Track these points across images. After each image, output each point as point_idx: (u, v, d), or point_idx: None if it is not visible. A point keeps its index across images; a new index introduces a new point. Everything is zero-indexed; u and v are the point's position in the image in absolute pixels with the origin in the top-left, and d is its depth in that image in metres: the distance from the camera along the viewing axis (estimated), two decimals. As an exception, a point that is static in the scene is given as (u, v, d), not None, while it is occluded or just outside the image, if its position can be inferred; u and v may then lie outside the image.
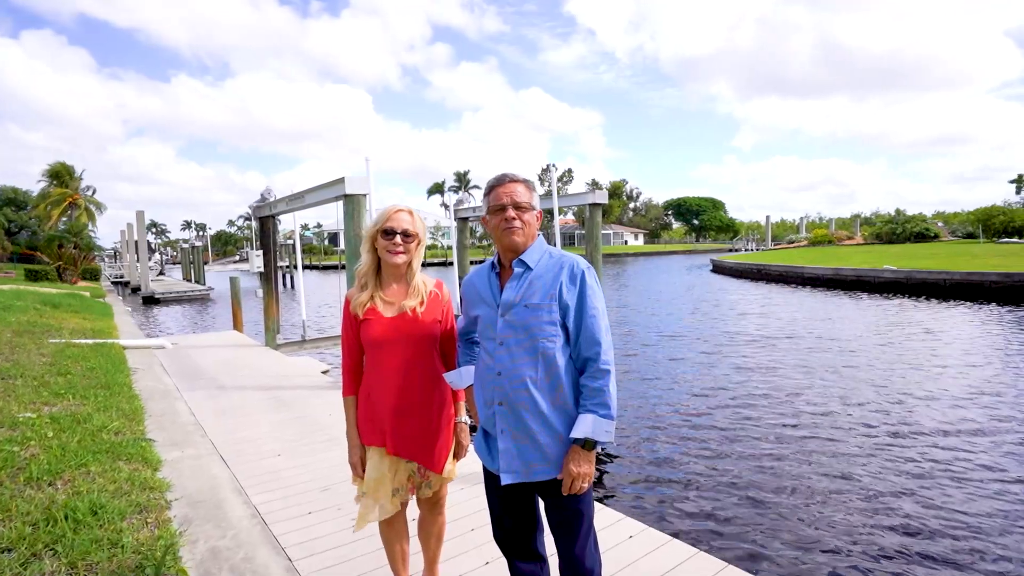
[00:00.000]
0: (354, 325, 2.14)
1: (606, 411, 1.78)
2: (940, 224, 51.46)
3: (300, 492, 3.71)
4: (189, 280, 37.96)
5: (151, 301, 26.64)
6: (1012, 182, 46.97)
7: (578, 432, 1.77)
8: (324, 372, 7.98)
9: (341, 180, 6.67)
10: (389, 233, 2.06)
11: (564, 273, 1.83)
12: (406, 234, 2.07)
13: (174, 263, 74.84)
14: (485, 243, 65.19)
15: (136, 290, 30.58)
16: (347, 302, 2.17)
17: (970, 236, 43.22)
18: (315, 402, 6.06)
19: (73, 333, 9.77)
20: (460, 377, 2.12)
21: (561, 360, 1.82)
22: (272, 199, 9.61)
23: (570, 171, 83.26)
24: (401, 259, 2.07)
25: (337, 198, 6.97)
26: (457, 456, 2.25)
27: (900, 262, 25.11)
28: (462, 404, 2.27)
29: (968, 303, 17.71)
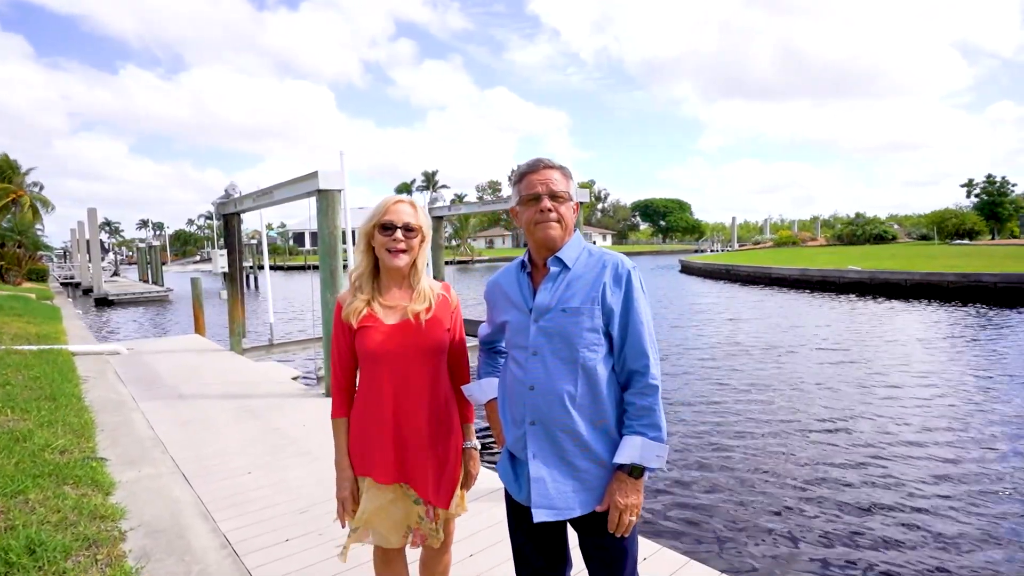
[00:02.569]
0: (347, 335, 1.81)
1: (656, 432, 1.52)
2: (896, 226, 53.43)
3: (275, 515, 3.34)
4: (146, 281, 36.33)
5: (104, 303, 25.32)
6: (963, 186, 49.05)
7: (625, 457, 1.51)
8: (294, 378, 7.52)
9: (314, 174, 6.26)
10: (388, 228, 1.74)
11: (607, 273, 1.57)
12: (408, 228, 1.75)
13: (130, 263, 71.72)
14: (454, 243, 64.50)
15: (88, 291, 29.05)
16: (338, 308, 1.84)
17: (924, 238, 44.96)
18: (287, 412, 5.64)
19: (15, 339, 9.02)
20: (481, 390, 1.83)
21: (603, 373, 1.55)
22: (237, 195, 9.07)
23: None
24: (403, 258, 1.76)
25: (310, 194, 6.54)
26: (466, 487, 1.94)
27: (864, 263, 25.81)
28: (471, 426, 1.97)
29: (932, 302, 18.26)
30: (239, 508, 3.44)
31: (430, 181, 74.16)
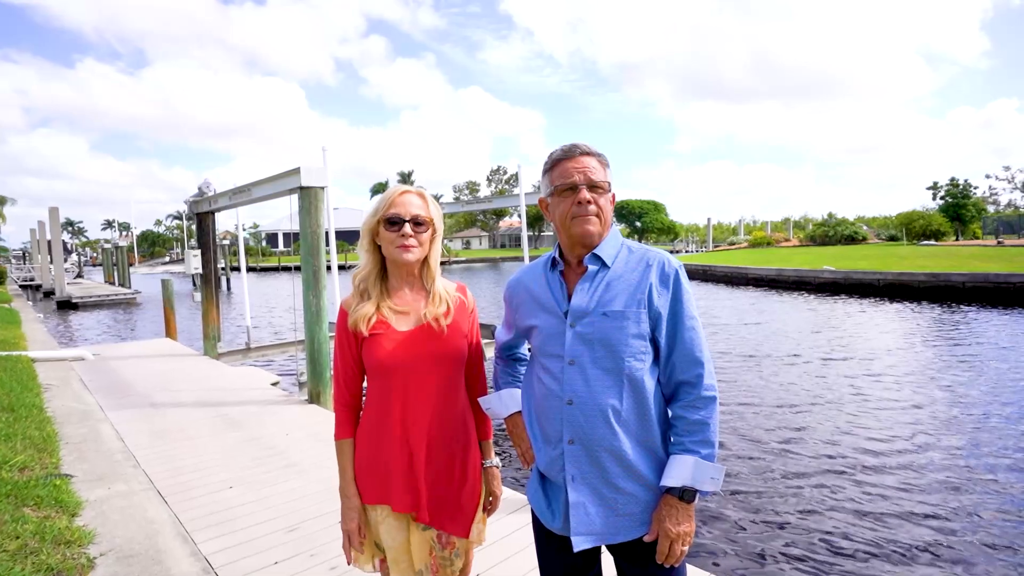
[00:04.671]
0: (353, 345, 1.60)
1: (710, 450, 1.37)
2: (865, 227, 54.64)
3: (262, 535, 3.11)
4: (112, 283, 35.06)
5: (67, 306, 24.29)
6: (929, 189, 50.37)
7: (675, 479, 1.35)
8: (274, 384, 7.23)
9: (296, 171, 5.99)
10: (394, 222, 1.54)
11: (653, 273, 1.41)
12: (417, 222, 1.55)
13: (94, 265, 69.35)
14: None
15: (49, 294, 27.86)
16: (342, 314, 1.63)
17: (893, 239, 46.06)
18: (268, 420, 5.37)
19: (-29, 344, 8.50)
20: (502, 403, 1.65)
21: (650, 385, 1.40)
22: (212, 193, 8.70)
23: (516, 175, 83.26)
24: (414, 254, 1.56)
25: (291, 191, 6.26)
26: (489, 511, 1.75)
27: (838, 263, 26.26)
28: (490, 443, 1.77)
29: (905, 301, 18.64)
30: (221, 527, 3.19)
31: (406, 181, 73.67)
